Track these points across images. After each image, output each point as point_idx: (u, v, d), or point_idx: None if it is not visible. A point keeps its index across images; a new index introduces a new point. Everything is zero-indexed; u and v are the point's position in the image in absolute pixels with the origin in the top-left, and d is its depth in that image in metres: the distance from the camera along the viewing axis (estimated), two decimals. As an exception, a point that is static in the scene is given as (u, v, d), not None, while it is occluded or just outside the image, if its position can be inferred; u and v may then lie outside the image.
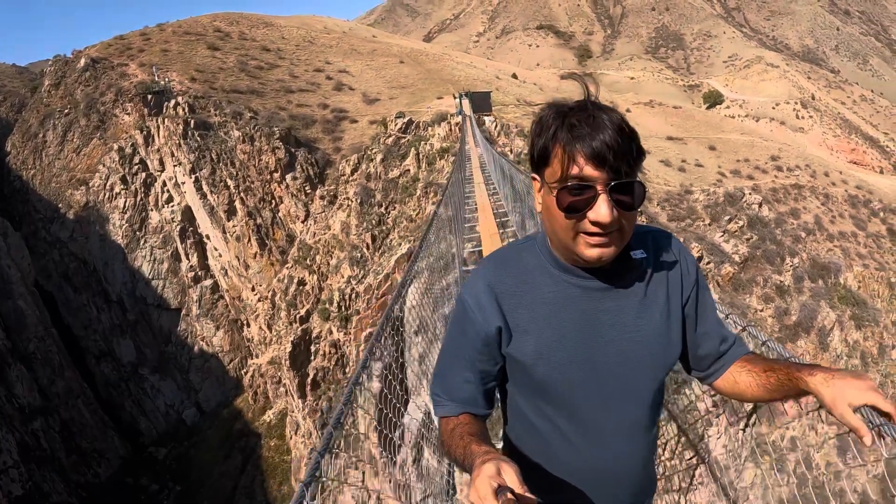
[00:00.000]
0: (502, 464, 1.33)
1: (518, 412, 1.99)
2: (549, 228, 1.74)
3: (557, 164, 1.59)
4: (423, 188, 35.22)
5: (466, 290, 1.89)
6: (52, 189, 57.05)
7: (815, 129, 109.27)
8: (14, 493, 36.06)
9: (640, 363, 1.84)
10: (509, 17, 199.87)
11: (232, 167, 49.46)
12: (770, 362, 1.94)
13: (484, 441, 1.67)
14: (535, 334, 1.80)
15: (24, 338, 46.35)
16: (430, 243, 9.51)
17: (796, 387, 1.75)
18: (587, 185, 1.55)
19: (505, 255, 1.92)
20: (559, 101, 1.66)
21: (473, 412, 1.92)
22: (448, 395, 1.94)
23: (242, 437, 45.58)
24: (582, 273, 1.77)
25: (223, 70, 61.09)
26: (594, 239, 1.61)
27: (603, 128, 1.52)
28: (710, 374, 2.06)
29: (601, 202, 1.55)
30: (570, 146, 1.54)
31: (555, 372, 1.81)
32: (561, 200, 1.59)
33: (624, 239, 1.66)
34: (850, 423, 1.54)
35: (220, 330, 51.17)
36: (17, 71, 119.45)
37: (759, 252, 31.62)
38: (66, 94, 63.25)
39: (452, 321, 1.97)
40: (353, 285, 35.21)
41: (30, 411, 42.28)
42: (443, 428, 1.90)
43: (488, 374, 1.92)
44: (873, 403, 1.56)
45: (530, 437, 1.97)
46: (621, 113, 1.60)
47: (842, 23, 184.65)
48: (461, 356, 1.91)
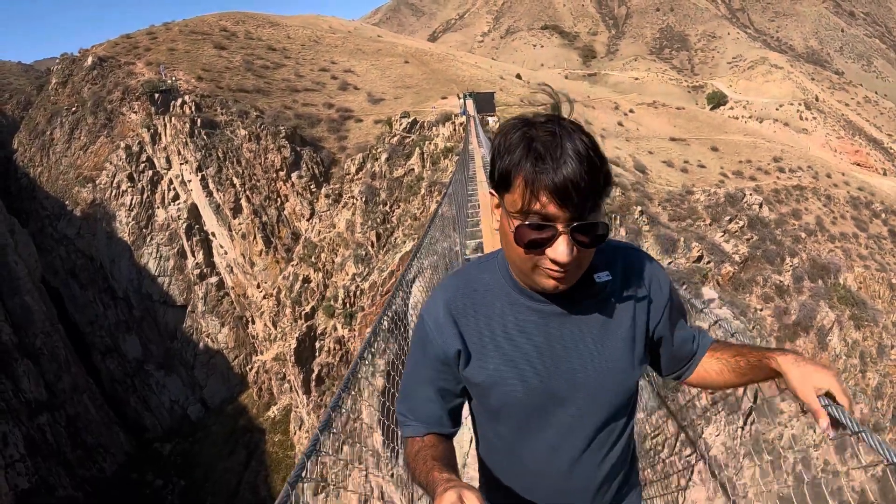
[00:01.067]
0: (464, 491, 1.34)
1: (482, 432, 2.00)
2: (507, 253, 1.71)
3: (518, 195, 1.53)
4: (427, 187, 35.47)
5: (426, 311, 1.88)
6: (59, 186, 57.52)
7: (819, 131, 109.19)
8: (20, 487, 36.36)
9: (600, 389, 1.83)
10: (514, 17, 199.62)
11: (238, 165, 49.76)
12: (738, 347, 2.02)
13: (447, 467, 1.67)
14: (492, 358, 1.79)
15: (30, 333, 46.75)
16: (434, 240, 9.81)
17: (767, 367, 1.84)
18: (548, 225, 1.52)
19: (466, 275, 1.90)
20: (527, 118, 1.60)
21: (439, 432, 1.91)
22: (412, 415, 1.93)
23: (247, 432, 45.83)
24: (541, 298, 1.76)
25: (229, 69, 61.37)
26: (552, 272, 1.60)
27: (569, 161, 1.47)
28: (682, 373, 2.12)
29: (561, 242, 1.52)
30: (532, 181, 1.49)
31: (511, 397, 1.80)
32: (520, 236, 1.55)
33: (581, 270, 1.66)
34: (812, 405, 1.66)
35: (226, 327, 51.51)
36: (23, 69, 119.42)
37: (759, 252, 31.82)
38: (74, 93, 63.63)
39: (413, 341, 1.94)
40: (357, 282, 35.53)
41: (36, 406, 42.63)
42: (408, 449, 1.88)
43: (451, 392, 1.91)
44: (833, 391, 1.67)
45: (493, 457, 1.98)
46: (591, 137, 1.56)
47: (846, 24, 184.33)
48: (423, 376, 1.90)
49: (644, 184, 41.96)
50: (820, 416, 1.64)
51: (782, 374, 1.76)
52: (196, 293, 51.92)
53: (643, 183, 42.06)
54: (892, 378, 30.97)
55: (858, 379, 30.03)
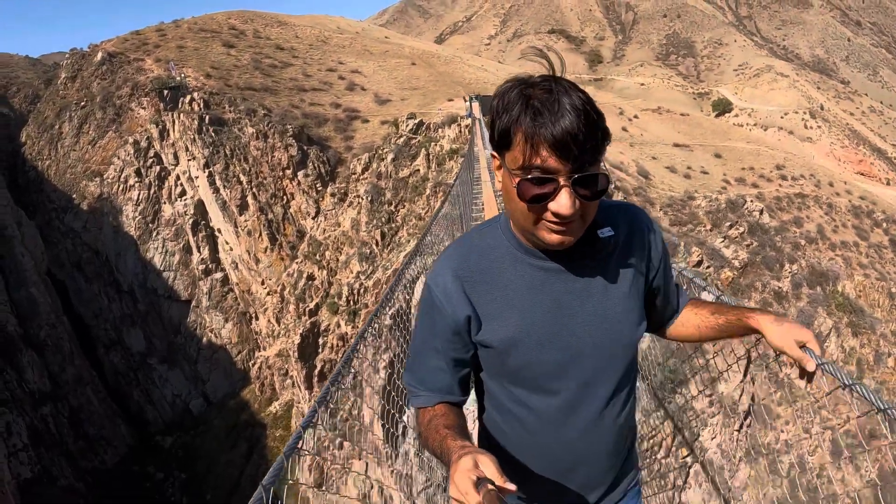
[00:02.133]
0: (479, 456, 1.35)
1: (493, 399, 1.99)
2: (510, 211, 1.72)
3: (519, 151, 1.55)
4: (432, 188, 35.69)
5: (432, 279, 1.88)
6: (66, 180, 57.91)
7: (824, 140, 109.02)
8: (23, 476, 36.54)
9: (611, 341, 1.85)
10: (521, 21, 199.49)
11: (245, 163, 50.10)
12: (716, 305, 2.14)
13: (460, 434, 1.67)
14: (504, 320, 1.80)
15: (35, 325, 47.07)
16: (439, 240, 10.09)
17: (745, 325, 1.94)
18: (549, 178, 1.53)
19: (469, 241, 1.91)
20: (523, 78, 1.63)
21: (449, 401, 1.92)
22: (422, 385, 1.93)
23: (248, 427, 46.06)
24: (546, 256, 1.78)
25: (238, 67, 61.73)
26: (555, 226, 1.61)
27: (567, 115, 1.49)
28: (663, 325, 2.20)
29: (563, 194, 1.54)
30: (532, 135, 1.51)
31: (527, 356, 1.81)
32: (522, 191, 1.57)
33: (585, 224, 1.67)
34: (796, 354, 1.80)
35: (229, 322, 51.81)
36: (30, 63, 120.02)
37: (758, 258, 32.01)
38: (83, 87, 64.06)
39: (421, 311, 1.94)
40: (361, 280, 35.81)
41: (40, 397, 42.98)
42: (420, 419, 1.89)
43: (461, 361, 1.91)
44: (811, 345, 1.81)
45: (507, 423, 1.97)
46: (587, 94, 1.57)
47: (853, 33, 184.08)
48: (432, 346, 1.90)
49: (646, 189, 42.18)
50: (806, 363, 1.80)
51: (762, 332, 1.89)
52: (201, 288, 52.28)
53: (645, 188, 42.29)
54: (889, 385, 31.11)
55: None
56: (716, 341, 2.19)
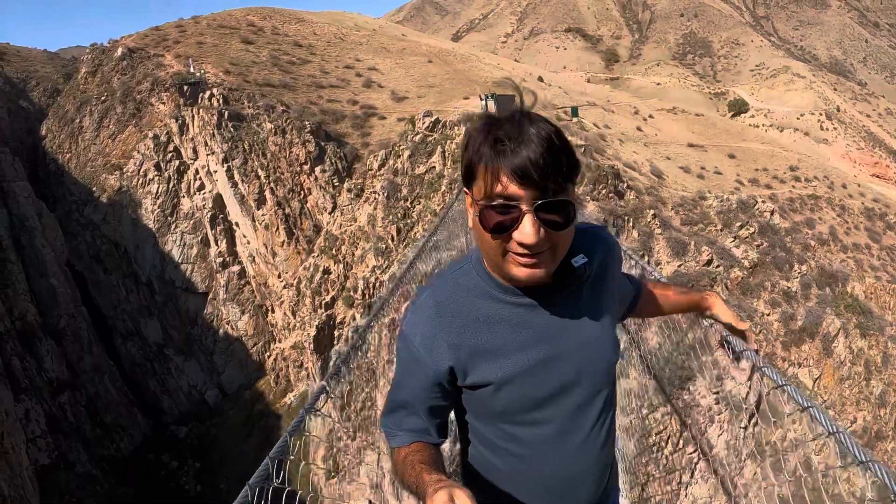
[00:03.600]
0: (455, 490, 1.34)
1: (480, 437, 1.96)
2: (482, 248, 1.71)
3: (482, 181, 1.54)
4: (447, 185, 36.05)
5: (410, 329, 1.84)
6: (86, 173, 58.50)
7: (839, 141, 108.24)
8: (41, 462, 37.03)
9: (594, 367, 1.87)
10: (538, 19, 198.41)
11: (263, 158, 50.58)
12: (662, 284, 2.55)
13: (435, 469, 1.66)
14: (488, 363, 1.78)
15: (55, 314, 47.70)
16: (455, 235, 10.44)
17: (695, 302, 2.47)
18: (512, 205, 1.51)
19: (442, 286, 1.87)
20: (491, 115, 1.63)
21: (427, 441, 1.88)
22: (399, 428, 1.91)
23: (263, 418, 46.47)
24: (524, 292, 1.76)
25: (256, 64, 62.14)
26: (523, 259, 1.59)
27: (528, 142, 1.48)
28: (626, 313, 2.36)
29: (526, 222, 1.51)
30: (492, 163, 1.50)
31: (515, 395, 1.80)
32: (485, 219, 1.55)
33: (557, 257, 1.65)
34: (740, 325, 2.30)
35: (246, 314, 52.31)
36: (48, 56, 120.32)
37: (768, 258, 32.18)
38: (103, 82, 64.66)
39: (399, 360, 1.91)
40: (377, 274, 36.18)
41: (58, 385, 43.67)
42: (395, 458, 1.87)
43: (440, 408, 1.90)
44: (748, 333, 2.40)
45: (498, 457, 1.94)
46: (554, 124, 1.56)
47: (871, 35, 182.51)
48: (411, 395, 1.88)
49: (658, 188, 42.34)
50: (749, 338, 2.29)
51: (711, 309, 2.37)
52: (218, 281, 52.80)
53: (657, 187, 42.44)
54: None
55: (862, 387, 30.19)
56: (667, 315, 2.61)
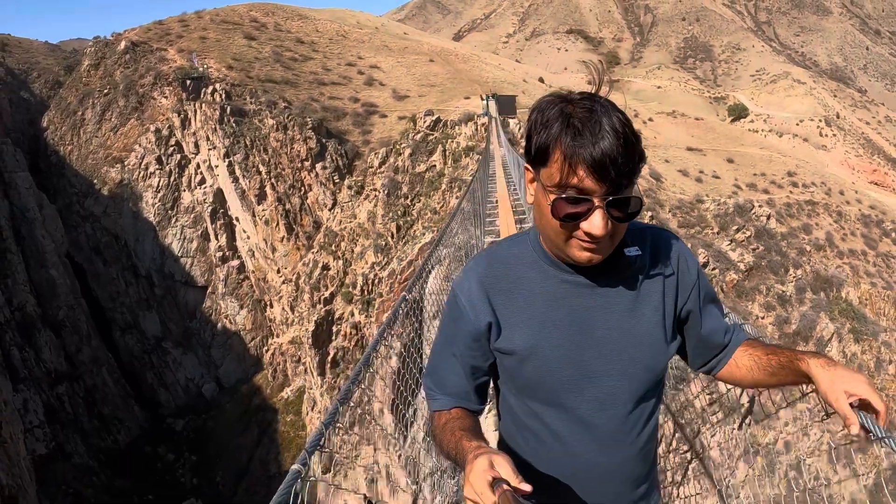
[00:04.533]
0: (495, 457, 1.35)
1: (509, 410, 1.97)
2: (540, 226, 1.72)
3: (556, 169, 1.54)
4: (447, 183, 36.30)
5: (458, 286, 1.89)
6: (88, 165, 58.63)
7: (838, 148, 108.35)
8: (38, 452, 37.18)
9: (631, 362, 1.82)
10: (540, 20, 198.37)
11: (265, 154, 50.92)
12: (770, 346, 1.96)
13: (475, 436, 1.67)
14: (523, 330, 1.80)
15: (54, 306, 47.89)
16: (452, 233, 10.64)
17: (797, 369, 1.78)
18: (584, 198, 1.53)
19: (497, 251, 1.91)
20: (564, 94, 1.62)
21: (466, 406, 1.91)
22: (441, 390, 1.93)
23: (260, 411, 46.80)
24: (573, 269, 1.76)
25: (259, 60, 62.36)
26: (585, 244, 1.60)
27: (606, 136, 1.49)
28: (713, 366, 2.07)
29: (596, 215, 1.53)
30: (571, 154, 1.50)
31: (543, 369, 1.80)
32: (557, 209, 1.57)
33: (614, 244, 1.66)
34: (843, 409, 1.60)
35: (244, 309, 52.64)
36: (50, 48, 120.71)
37: (763, 262, 32.41)
38: (106, 75, 64.83)
39: (444, 316, 1.96)
40: (376, 271, 36.44)
41: (56, 376, 43.81)
42: (435, 422, 1.89)
43: (480, 369, 1.91)
44: (867, 397, 1.61)
45: (521, 436, 1.95)
46: (626, 115, 1.58)
47: (872, 42, 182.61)
48: (453, 352, 1.91)
49: (656, 191, 42.54)
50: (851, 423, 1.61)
51: (812, 377, 1.73)
52: (217, 275, 53.08)
53: (655, 190, 42.64)
54: (889, 392, 31.40)
55: None
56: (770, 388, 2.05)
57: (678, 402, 16.65)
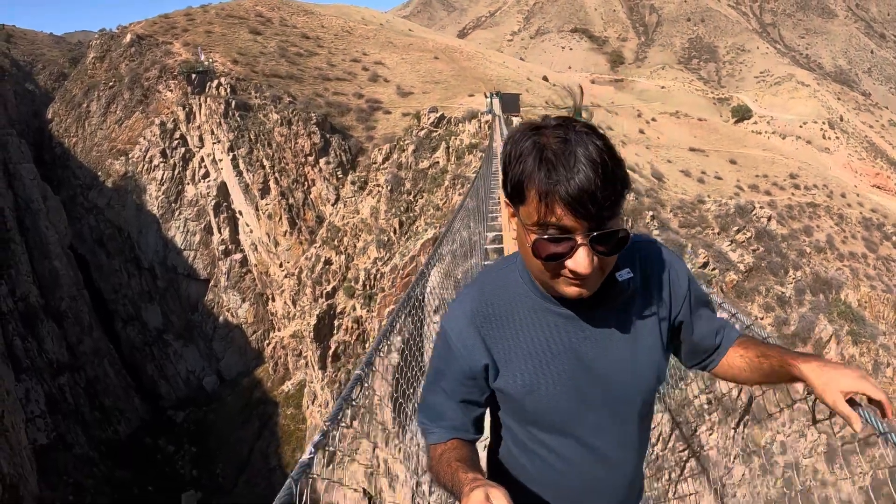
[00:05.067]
0: (491, 489, 1.33)
1: (512, 435, 1.96)
2: (526, 263, 1.68)
3: (533, 208, 1.48)
4: (451, 180, 36.44)
5: (449, 323, 1.84)
6: (92, 157, 58.85)
7: (841, 151, 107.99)
8: (39, 442, 37.37)
9: (629, 388, 1.83)
10: (545, 18, 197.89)
11: (269, 148, 51.07)
12: (764, 347, 1.96)
13: (472, 467, 1.66)
14: (521, 368, 1.77)
15: (56, 296, 48.00)
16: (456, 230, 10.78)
17: (789, 373, 1.78)
18: (566, 237, 1.48)
19: (486, 284, 1.86)
20: (537, 123, 1.55)
21: (463, 437, 1.89)
22: (435, 423, 1.90)
23: (260, 404, 46.99)
24: (564, 302, 1.73)
25: (264, 54, 62.51)
26: (573, 280, 1.56)
27: (582, 169, 1.41)
28: (706, 364, 2.10)
29: (580, 253, 1.48)
30: (546, 192, 1.44)
31: (543, 404, 1.79)
32: (538, 249, 1.52)
33: (604, 275, 1.62)
34: (842, 410, 1.58)
35: (246, 302, 52.85)
36: (55, 40, 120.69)
37: (763, 263, 32.58)
38: (111, 68, 65.07)
39: (436, 353, 1.91)
40: (378, 266, 36.61)
41: (58, 366, 43.94)
42: (431, 454, 1.86)
43: (476, 403, 1.89)
44: (864, 391, 1.59)
45: (527, 458, 1.94)
46: (605, 139, 1.50)
47: (877, 46, 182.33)
48: (444, 387, 1.87)
49: (658, 190, 42.70)
50: (853, 421, 1.59)
51: (805, 381, 1.72)
52: (220, 268, 53.30)
53: (657, 189, 42.81)
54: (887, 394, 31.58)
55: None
56: (761, 385, 2.14)
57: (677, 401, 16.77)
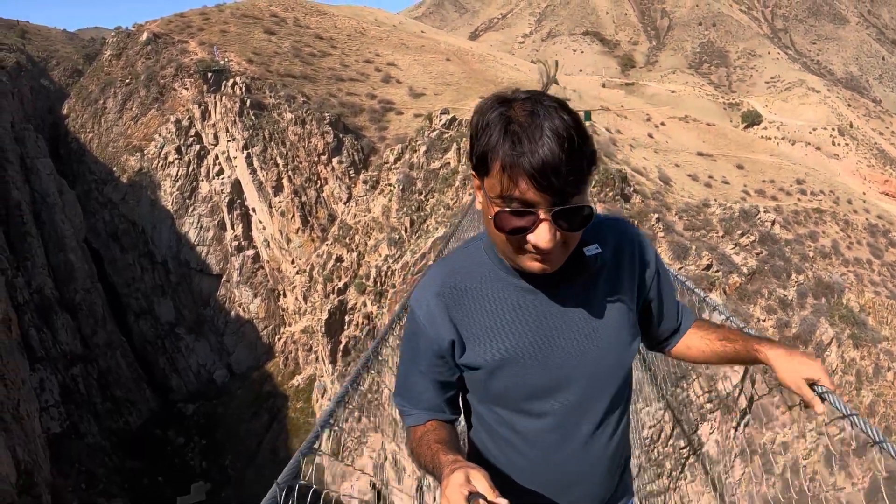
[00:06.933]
0: (471, 471, 1.34)
1: (480, 419, 1.95)
2: (490, 235, 1.65)
3: (497, 180, 1.46)
4: (461, 180, 36.81)
5: (416, 302, 1.84)
6: (108, 153, 59.31)
7: (850, 157, 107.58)
8: (52, 430, 37.85)
9: (598, 364, 1.81)
10: (556, 21, 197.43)
11: (282, 147, 51.66)
12: (725, 331, 2.03)
13: (452, 449, 1.66)
14: (488, 344, 1.76)
15: (71, 289, 48.63)
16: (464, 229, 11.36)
17: (753, 357, 1.86)
18: (529, 211, 1.45)
19: (452, 262, 1.86)
20: (505, 95, 1.52)
21: (441, 418, 1.89)
22: (413, 405, 1.91)
23: (270, 398, 47.45)
24: (530, 277, 1.71)
25: (278, 54, 63.06)
26: (535, 255, 1.55)
27: (547, 142, 1.37)
28: (665, 345, 2.14)
29: (542, 228, 1.47)
30: (510, 164, 1.41)
31: (511, 381, 1.78)
32: (500, 222, 1.50)
33: (568, 251, 1.60)
34: (805, 394, 1.72)
35: (258, 298, 53.29)
36: (68, 36, 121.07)
37: (766, 266, 32.98)
38: (127, 65, 65.47)
39: (406, 334, 1.91)
40: (389, 263, 37.12)
41: (71, 357, 44.47)
42: (411, 437, 1.86)
43: (448, 383, 1.89)
44: (819, 380, 1.77)
45: (495, 443, 1.93)
46: (574, 115, 1.46)
47: (888, 52, 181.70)
48: (419, 369, 1.87)
49: (664, 194, 43.01)
50: (815, 404, 1.73)
51: (770, 366, 1.81)
52: (232, 264, 53.79)
53: (663, 193, 43.12)
54: (886, 398, 31.82)
55: (853, 395, 30.87)
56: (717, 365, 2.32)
57: (678, 399, 17.50)
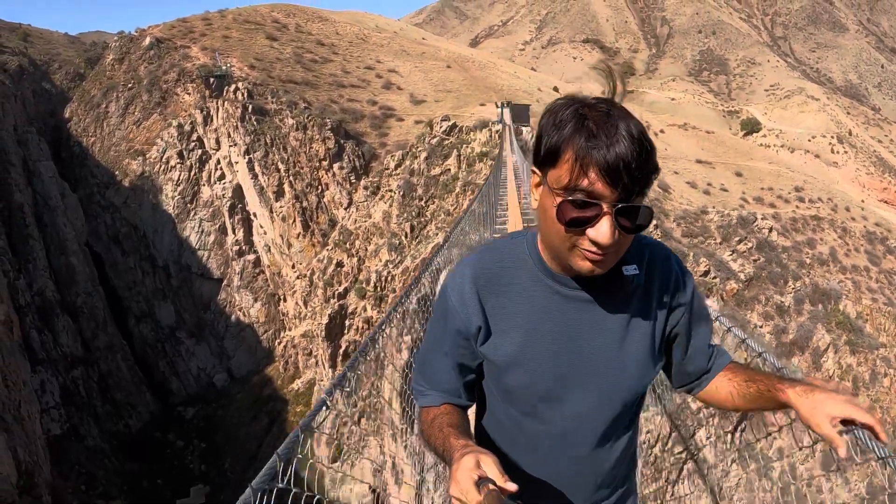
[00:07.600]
0: (482, 456, 1.35)
1: (493, 411, 1.94)
2: (543, 231, 1.62)
3: (566, 170, 1.43)
4: (461, 186, 37.07)
5: (451, 284, 1.83)
6: (110, 157, 59.63)
7: (850, 165, 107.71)
8: (53, 432, 37.96)
9: (614, 384, 1.78)
10: (556, 28, 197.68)
11: (284, 152, 52.07)
12: (752, 373, 1.92)
13: (463, 434, 1.66)
14: (509, 337, 1.74)
15: (72, 292, 48.86)
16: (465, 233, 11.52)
17: (776, 398, 1.75)
18: (593, 203, 1.42)
19: (494, 251, 1.83)
20: (579, 97, 1.51)
21: (455, 403, 1.88)
22: (430, 386, 1.90)
23: (270, 402, 47.57)
24: (569, 281, 1.69)
25: (280, 60, 63.46)
26: (589, 254, 1.50)
27: (622, 141, 1.39)
28: (693, 387, 2.04)
29: (604, 222, 1.44)
30: (584, 155, 1.40)
31: (523, 381, 1.76)
32: (562, 213, 1.46)
33: (619, 255, 1.57)
34: (826, 434, 1.55)
35: (258, 302, 53.58)
36: (70, 40, 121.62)
37: (764, 273, 33.16)
38: (130, 70, 65.84)
39: (436, 313, 1.90)
40: (390, 268, 37.27)
41: (72, 360, 44.71)
42: (423, 418, 1.87)
43: (468, 368, 1.87)
44: (852, 416, 1.55)
45: (500, 435, 1.93)
46: (642, 124, 1.48)
47: (887, 60, 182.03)
48: (443, 349, 1.86)
49: (662, 201, 43.24)
50: (838, 446, 1.55)
51: (792, 406, 1.69)
52: (233, 268, 54.09)
53: (661, 200, 43.36)
54: (883, 404, 31.93)
55: None
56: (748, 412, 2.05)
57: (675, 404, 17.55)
